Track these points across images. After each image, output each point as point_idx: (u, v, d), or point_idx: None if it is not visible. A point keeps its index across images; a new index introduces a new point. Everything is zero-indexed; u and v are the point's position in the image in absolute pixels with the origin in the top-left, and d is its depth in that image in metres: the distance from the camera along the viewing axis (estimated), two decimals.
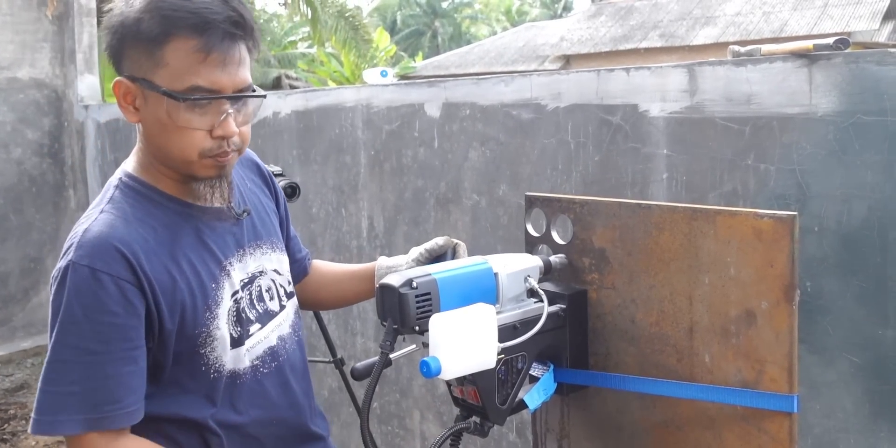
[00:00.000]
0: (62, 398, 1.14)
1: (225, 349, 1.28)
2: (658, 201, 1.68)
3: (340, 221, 3.07)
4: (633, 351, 1.33)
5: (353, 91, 2.92)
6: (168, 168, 1.25)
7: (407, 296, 1.15)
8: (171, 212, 1.26)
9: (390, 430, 2.95)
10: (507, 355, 1.25)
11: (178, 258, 1.23)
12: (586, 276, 1.39)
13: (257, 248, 1.37)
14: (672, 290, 1.26)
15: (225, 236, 1.31)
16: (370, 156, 2.87)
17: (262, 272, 1.37)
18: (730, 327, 1.19)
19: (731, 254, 1.18)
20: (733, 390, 1.19)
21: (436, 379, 1.43)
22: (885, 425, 1.58)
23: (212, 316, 1.26)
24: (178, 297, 1.22)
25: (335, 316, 3.15)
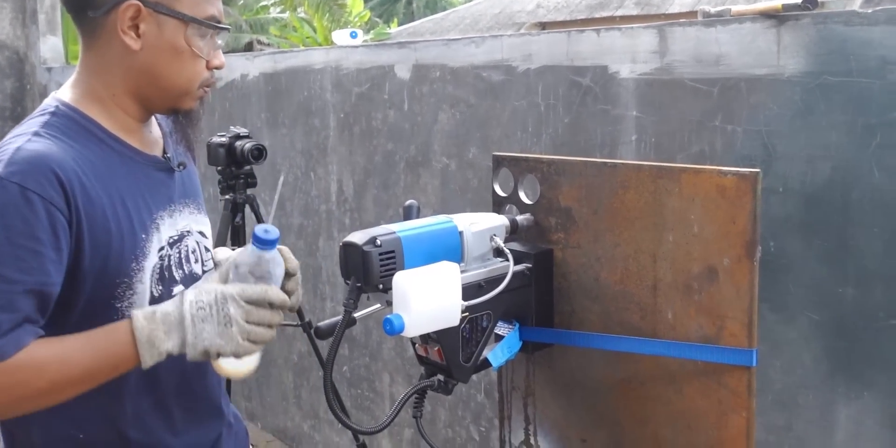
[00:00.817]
0: None
1: (143, 307, 1.18)
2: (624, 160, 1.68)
3: (309, 186, 3.05)
4: (597, 309, 1.34)
5: (322, 53, 2.88)
6: (140, 102, 1.22)
7: (370, 254, 1.15)
8: (111, 150, 1.19)
9: (360, 393, 2.97)
10: (471, 314, 1.25)
11: (112, 198, 1.15)
12: (552, 236, 1.40)
13: (186, 207, 1.31)
14: (636, 248, 1.27)
15: (159, 187, 1.25)
16: (339, 119, 2.84)
17: (189, 232, 1.30)
18: (692, 284, 1.21)
19: (695, 211, 1.19)
20: (695, 346, 1.20)
21: (404, 339, 1.43)
22: (841, 381, 1.61)
23: (138, 267, 1.18)
24: (105, 239, 1.13)
25: (304, 280, 3.15)
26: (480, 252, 1.30)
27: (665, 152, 1.84)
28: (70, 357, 1.06)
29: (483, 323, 1.30)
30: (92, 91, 1.21)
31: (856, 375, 1.60)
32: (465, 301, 1.17)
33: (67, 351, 1.06)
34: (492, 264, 1.31)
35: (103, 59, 1.20)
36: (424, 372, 1.33)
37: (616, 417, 1.34)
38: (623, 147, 1.93)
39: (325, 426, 3.21)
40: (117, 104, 1.21)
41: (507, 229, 1.35)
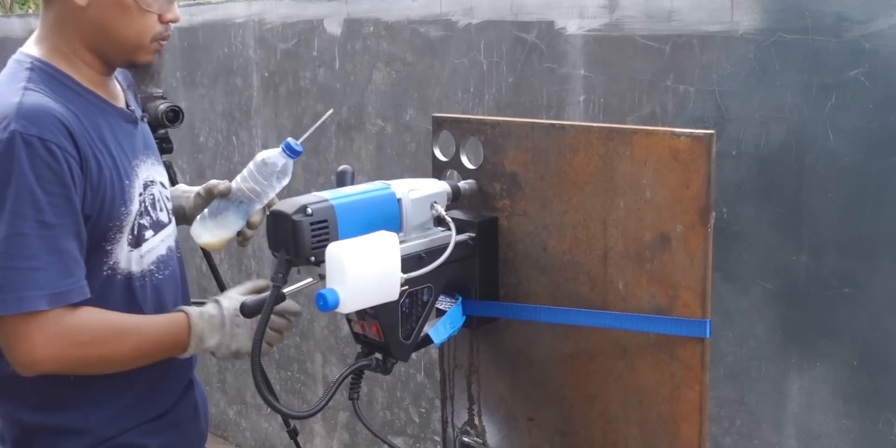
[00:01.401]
0: (26, 274, 1.17)
1: (123, 248, 1.34)
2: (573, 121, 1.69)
3: (231, 151, 2.99)
4: (545, 280, 1.35)
5: (243, 5, 2.81)
6: (98, 56, 1.33)
7: (301, 224, 1.13)
8: (87, 102, 1.31)
9: (290, 376, 2.96)
10: (411, 287, 1.25)
11: (100, 146, 1.28)
12: (497, 203, 1.40)
13: (148, 158, 1.44)
14: (586, 215, 1.28)
15: (129, 138, 1.38)
16: (264, 78, 2.79)
17: (153, 182, 1.43)
18: (644, 253, 1.22)
19: (647, 175, 1.20)
20: (647, 317, 1.22)
21: (338, 316, 1.42)
22: (794, 352, 1.67)
23: (126, 211, 1.33)
24: (101, 185, 1.27)
25: (227, 255, 3.10)
26: (420, 221, 1.29)
27: (614, 114, 1.85)
28: (147, 330, 1.30)
29: (424, 297, 1.30)
30: (55, 47, 1.32)
31: (808, 345, 1.65)
32: (404, 273, 1.17)
33: (144, 324, 1.31)
34: (432, 234, 1.31)
35: (58, 16, 1.31)
36: (361, 351, 1.33)
37: (564, 394, 1.36)
38: (570, 108, 1.93)
39: (253, 412, 3.19)
40: (80, 58, 1.32)
41: (448, 196, 1.35)
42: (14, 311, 1.17)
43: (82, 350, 1.25)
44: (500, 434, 1.47)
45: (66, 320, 1.22)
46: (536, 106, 1.99)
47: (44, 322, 1.20)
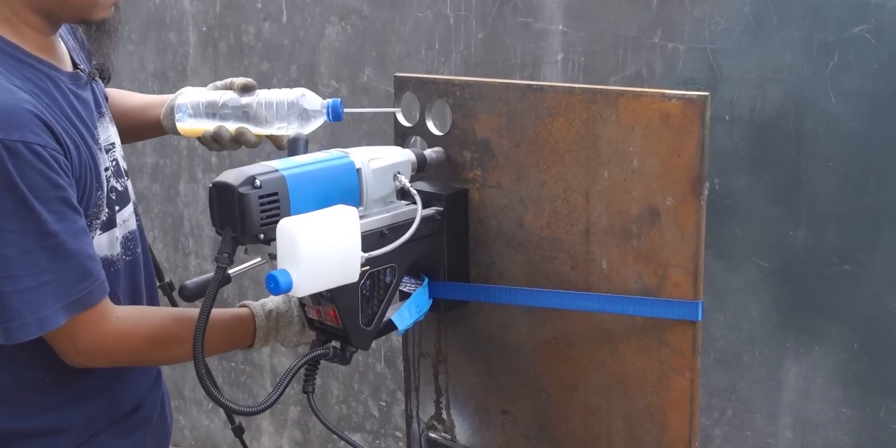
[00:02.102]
0: (39, 291, 1.19)
1: (95, 234, 1.34)
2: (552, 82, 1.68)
3: None
4: (520, 259, 1.35)
5: None
6: (45, 17, 1.29)
7: (248, 197, 1.12)
8: (42, 75, 1.29)
9: (234, 367, 2.95)
10: (372, 267, 1.24)
11: (67, 126, 1.27)
12: (467, 173, 1.39)
13: (103, 118, 1.42)
14: (566, 186, 1.28)
15: (86, 104, 1.36)
16: (201, 33, 2.75)
17: (113, 145, 1.43)
18: (631, 228, 1.23)
19: (635, 143, 1.20)
20: (633, 299, 1.23)
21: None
22: (791, 335, 1.70)
23: (102, 195, 1.33)
24: (83, 172, 1.28)
25: (161, 233, 3.07)
26: (382, 193, 1.28)
27: (596, 74, 1.85)
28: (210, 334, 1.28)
29: (386, 278, 1.29)
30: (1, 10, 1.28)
31: (806, 328, 1.68)
32: (364, 252, 1.16)
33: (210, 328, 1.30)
34: (396, 208, 1.30)
35: None
36: (316, 339, 1.32)
37: (541, 384, 1.37)
38: (547, 68, 1.93)
39: (193, 407, 3.18)
40: (23, 21, 1.29)
41: (413, 166, 1.34)
42: (37, 334, 1.21)
43: (135, 355, 1.33)
44: (471, 429, 1.48)
45: (109, 327, 1.27)
46: (509, 65, 1.99)
47: (74, 332, 1.24)
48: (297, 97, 1.43)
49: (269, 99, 1.44)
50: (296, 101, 1.43)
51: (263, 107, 1.44)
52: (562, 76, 1.90)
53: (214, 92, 1.50)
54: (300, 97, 1.43)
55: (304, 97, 1.43)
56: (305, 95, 1.44)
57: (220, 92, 1.49)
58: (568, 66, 1.89)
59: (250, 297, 2.81)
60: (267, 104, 1.44)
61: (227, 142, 1.46)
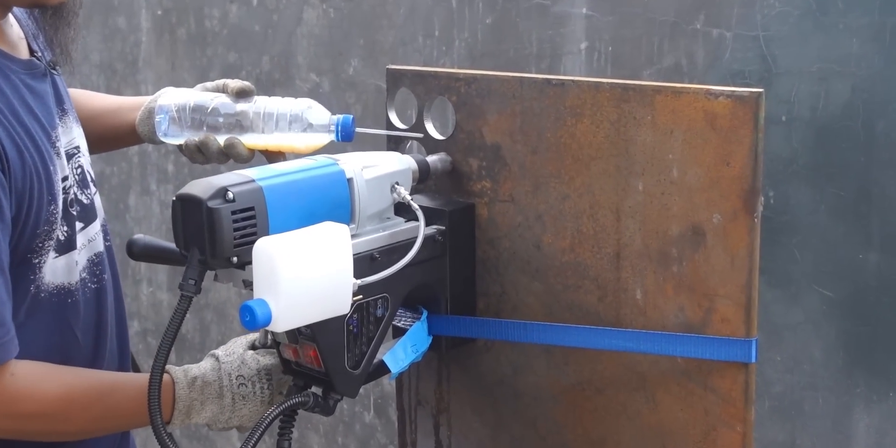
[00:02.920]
0: None
1: (50, 257, 1.33)
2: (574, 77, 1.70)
3: None
4: (538, 288, 1.36)
5: None
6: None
7: (219, 212, 1.13)
8: None
9: None
10: (363, 298, 1.25)
11: (15, 129, 1.26)
12: (474, 185, 1.40)
13: (66, 116, 1.42)
14: (593, 201, 1.29)
15: (44, 98, 1.36)
16: (156, 17, 2.76)
17: (78, 149, 1.43)
18: (670, 251, 1.24)
19: (675, 149, 1.21)
20: (672, 336, 1.24)
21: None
22: (861, 378, 1.70)
23: (56, 210, 1.31)
24: (28, 181, 1.26)
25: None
26: (377, 208, 1.29)
27: (626, 66, 1.86)
28: (113, 401, 1.32)
29: (377, 311, 1.30)
30: None
31: (879, 370, 1.68)
32: (357, 279, 1.17)
33: (109, 394, 1.33)
34: (394, 226, 1.31)
35: None
36: (293, 383, 1.32)
37: (563, 439, 1.37)
38: (569, 59, 1.94)
39: None
40: None
41: (414, 175, 1.35)
42: None
43: (22, 423, 1.28)
44: None
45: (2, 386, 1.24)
46: (523, 55, 2.00)
47: None
48: (302, 109, 1.43)
49: (268, 108, 1.44)
50: (300, 114, 1.43)
51: (262, 117, 1.44)
52: (586, 69, 1.91)
53: (203, 94, 1.50)
54: (306, 110, 1.43)
55: (311, 110, 1.43)
56: (312, 108, 1.44)
57: (210, 94, 1.49)
58: (593, 56, 1.91)
59: (214, 334, 2.81)
60: (266, 115, 1.44)
61: (213, 154, 1.46)
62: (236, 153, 1.45)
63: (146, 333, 3.11)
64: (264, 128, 1.44)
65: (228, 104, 1.46)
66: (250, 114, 1.44)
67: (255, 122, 1.44)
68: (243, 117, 1.44)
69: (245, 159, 1.46)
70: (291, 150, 1.44)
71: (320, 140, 1.43)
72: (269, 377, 1.35)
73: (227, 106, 1.46)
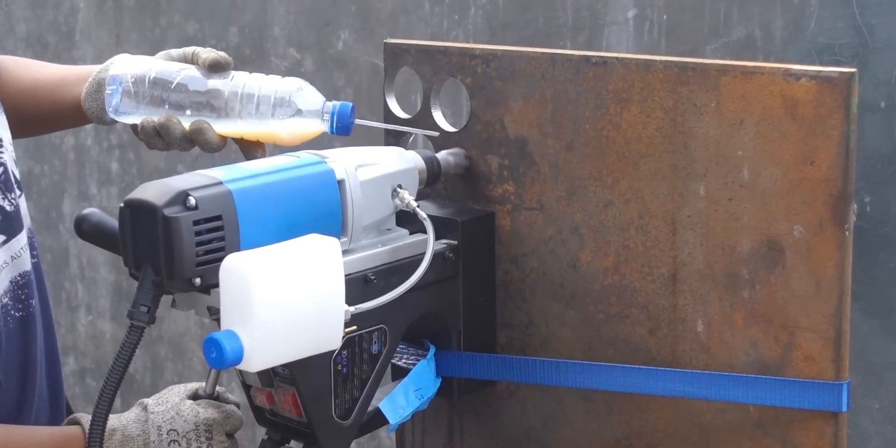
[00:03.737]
0: None
1: None
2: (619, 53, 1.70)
3: None
4: (574, 318, 1.36)
5: None
6: None
7: (177, 222, 1.13)
8: None
9: None
10: (356, 329, 1.26)
11: None
12: (493, 189, 1.41)
13: None
14: (643, 209, 1.30)
15: None
16: None
17: (0, 142, 1.43)
18: (739, 271, 1.24)
19: (745, 144, 1.21)
20: (743, 379, 1.24)
21: (231, 377, 1.41)
22: None
23: None
24: None
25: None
26: (375, 217, 1.30)
27: (685, 40, 1.87)
28: None
29: (373, 347, 1.31)
30: None
31: None
32: (350, 306, 1.18)
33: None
34: (395, 239, 1.32)
35: None
36: (267, 436, 1.33)
37: None
38: (613, 30, 1.95)
39: None
40: None
41: (421, 176, 1.36)
42: None
43: None
44: None
45: None
46: (555, 26, 2.01)
47: None
48: (290, 91, 1.42)
49: (248, 88, 1.43)
50: (287, 98, 1.42)
51: (239, 98, 1.43)
52: (634, 43, 1.92)
53: (168, 64, 1.48)
54: (295, 92, 1.42)
55: (301, 93, 1.42)
56: (303, 90, 1.42)
57: (175, 65, 1.48)
58: (644, 27, 1.91)
59: (169, 374, 2.81)
60: (245, 96, 1.42)
61: (176, 138, 1.44)
62: (204, 140, 1.43)
63: (84, 373, 3.11)
64: (241, 111, 1.42)
65: (198, 79, 1.44)
66: (225, 93, 1.43)
67: (230, 103, 1.43)
68: (216, 96, 1.43)
69: (215, 147, 1.44)
70: (273, 140, 1.43)
71: (310, 130, 1.42)
72: (210, 435, 1.32)
73: (197, 81, 1.44)
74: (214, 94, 1.42)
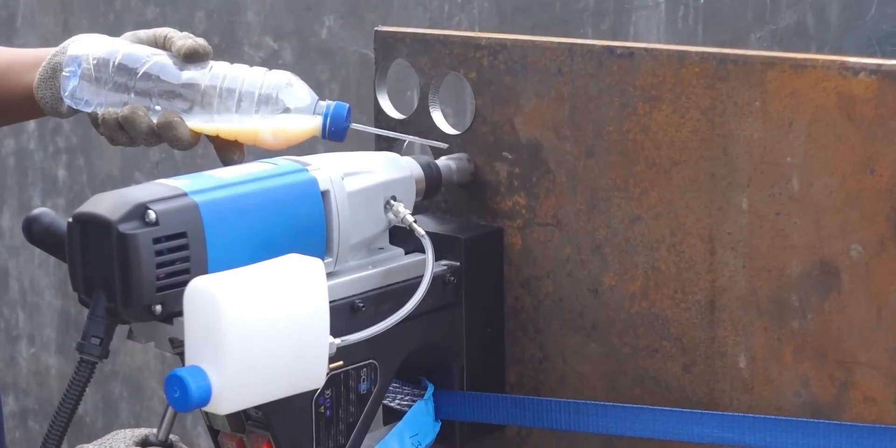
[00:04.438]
0: None
1: None
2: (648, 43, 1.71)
3: None
4: (595, 352, 1.37)
5: None
6: None
7: (135, 240, 1.14)
8: None
9: None
10: (343, 365, 1.27)
11: None
12: (502, 202, 1.42)
13: None
14: (676, 225, 1.30)
15: None
16: None
17: None
18: (788, 298, 1.24)
19: (795, 149, 1.22)
20: (793, 422, 1.24)
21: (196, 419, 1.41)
22: None
23: None
24: None
25: None
26: (365, 234, 1.31)
27: (726, 27, 1.88)
28: None
29: (361, 385, 1.31)
30: None
31: None
32: (336, 338, 1.18)
33: None
34: (386, 261, 1.33)
35: None
36: None
37: None
38: (641, 16, 1.95)
39: None
40: None
41: (419, 187, 1.37)
42: None
43: None
44: None
45: None
46: (574, 11, 2.01)
47: None
48: (277, 87, 1.42)
49: (229, 81, 1.42)
50: (274, 94, 1.42)
51: (218, 92, 1.42)
52: (667, 31, 1.93)
53: (136, 47, 1.47)
54: (284, 88, 1.42)
55: (291, 89, 1.42)
56: (293, 86, 1.42)
57: (144, 50, 1.47)
58: (678, 12, 1.92)
59: (125, 416, 2.81)
60: (225, 90, 1.42)
61: (142, 133, 1.43)
62: (174, 136, 1.42)
63: (26, 414, 3.10)
64: (219, 107, 1.42)
65: (171, 68, 1.44)
66: (201, 86, 1.42)
67: (206, 96, 1.42)
68: (190, 89, 1.43)
69: (186, 145, 1.43)
70: (254, 141, 1.43)
71: (298, 133, 1.42)
72: None
73: (169, 70, 1.44)
74: (189, 86, 1.42)
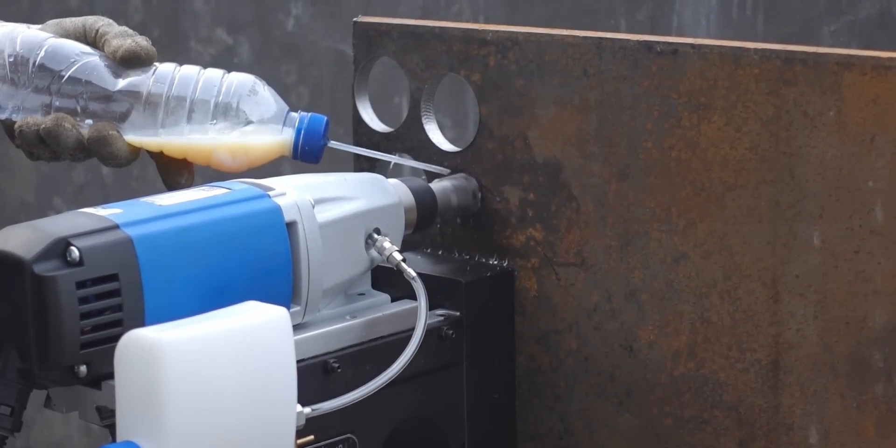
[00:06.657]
0: None
1: None
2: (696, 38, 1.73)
3: None
4: (630, 424, 1.38)
5: None
6: None
7: (54, 283, 1.15)
8: None
9: None
10: (314, 441, 1.27)
11: None
12: (513, 236, 1.43)
13: None
14: (730, 264, 1.31)
15: None
16: None
17: None
18: (871, 357, 1.25)
19: (878, 171, 1.23)
20: None
21: None
22: None
23: None
24: None
25: None
26: (341, 277, 1.32)
27: (791, 20, 1.89)
28: None
29: None
30: None
31: None
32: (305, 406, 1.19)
33: None
34: (368, 309, 1.34)
35: None
36: None
37: None
38: (686, 3, 1.97)
39: None
40: None
41: (408, 217, 1.38)
42: None
43: None
44: None
45: None
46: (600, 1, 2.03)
47: None
48: (238, 94, 1.41)
49: (178, 88, 1.41)
50: (234, 103, 1.40)
51: (164, 100, 1.41)
52: (717, 23, 1.94)
53: (64, 43, 1.45)
54: (245, 96, 1.41)
55: (254, 98, 1.40)
56: (257, 94, 1.41)
57: (73, 46, 1.46)
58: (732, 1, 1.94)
59: None
60: (174, 98, 1.41)
61: (68, 147, 1.42)
62: (109, 152, 1.42)
63: None
64: (165, 118, 1.41)
65: (104, 71, 1.43)
66: (143, 92, 1.41)
67: (150, 105, 1.41)
68: (129, 96, 1.42)
69: (122, 161, 1.43)
70: (207, 160, 1.42)
71: (262, 150, 1.41)
72: None
73: (102, 74, 1.43)
74: (128, 93, 1.41)
